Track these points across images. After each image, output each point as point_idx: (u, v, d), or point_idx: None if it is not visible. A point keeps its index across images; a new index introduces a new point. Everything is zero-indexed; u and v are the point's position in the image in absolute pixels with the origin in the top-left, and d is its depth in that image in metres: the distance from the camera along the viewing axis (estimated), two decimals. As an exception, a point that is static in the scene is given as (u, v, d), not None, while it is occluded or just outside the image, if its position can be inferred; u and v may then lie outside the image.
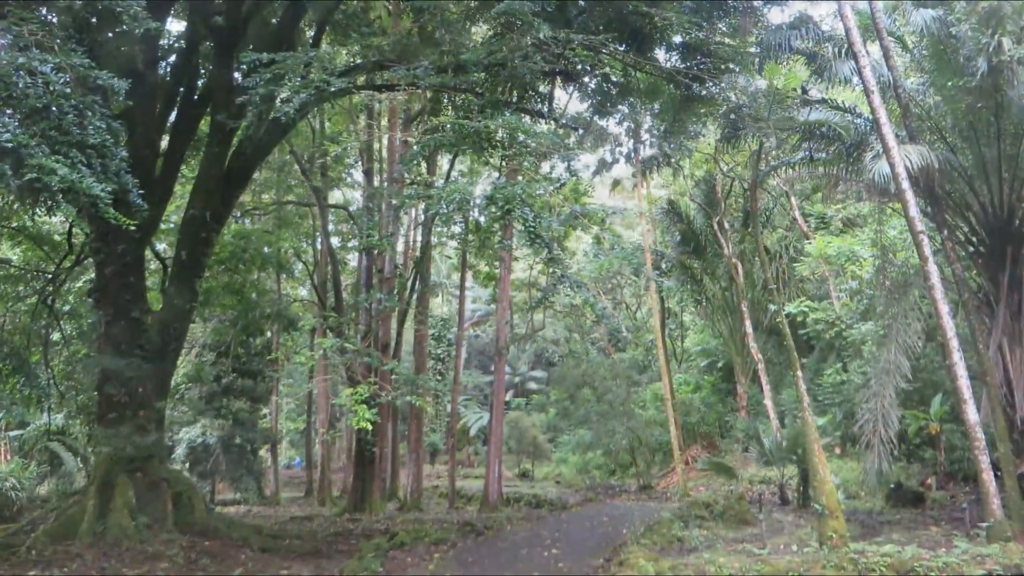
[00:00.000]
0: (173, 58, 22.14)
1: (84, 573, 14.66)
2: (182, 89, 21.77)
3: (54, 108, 11.55)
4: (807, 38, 22.10)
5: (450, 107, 23.19)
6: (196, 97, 21.84)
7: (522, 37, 16.27)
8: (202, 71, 22.27)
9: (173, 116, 21.78)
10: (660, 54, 20.97)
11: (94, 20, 16.33)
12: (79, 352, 25.14)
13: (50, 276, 23.91)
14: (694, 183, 42.97)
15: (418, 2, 20.10)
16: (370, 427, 19.19)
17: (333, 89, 15.79)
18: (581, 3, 19.71)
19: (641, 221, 41.78)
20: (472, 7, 20.65)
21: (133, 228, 12.96)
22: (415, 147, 20.61)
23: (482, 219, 27.45)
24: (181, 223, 21.77)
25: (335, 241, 39.26)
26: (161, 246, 27.40)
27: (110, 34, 16.53)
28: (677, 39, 20.02)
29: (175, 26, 23.60)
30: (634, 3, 17.99)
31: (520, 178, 24.03)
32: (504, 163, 27.43)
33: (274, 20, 21.61)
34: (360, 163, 35.42)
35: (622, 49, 19.14)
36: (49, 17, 15.16)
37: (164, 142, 21.72)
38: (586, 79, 21.13)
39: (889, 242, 27.99)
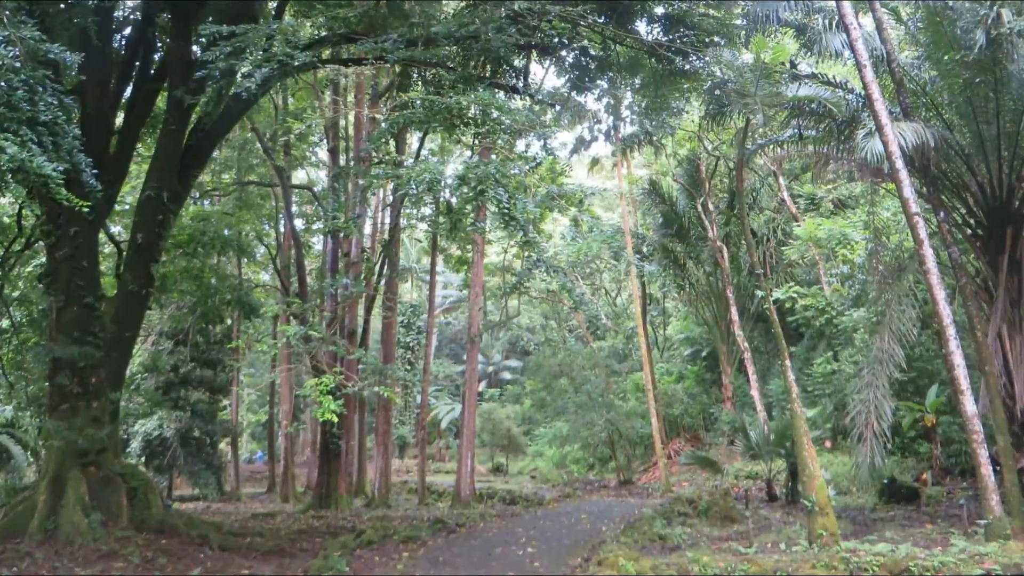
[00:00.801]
0: (128, 31, 21.97)
1: (35, 572, 14.58)
2: (138, 63, 21.56)
3: (3, 83, 11.42)
4: (796, 9, 22.18)
5: (420, 82, 23.11)
6: (152, 72, 21.64)
7: (496, 8, 16.28)
8: (159, 44, 22.11)
9: (128, 92, 21.61)
10: (641, 26, 20.96)
11: (45, -10, 16.22)
12: (29, 340, 25.03)
13: (-2, 260, 23.80)
14: (677, 162, 43.13)
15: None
16: (336, 419, 19.10)
17: (297, 63, 15.73)
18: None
19: (621, 202, 41.78)
20: (444, -24, 20.63)
21: (86, 210, 12.82)
22: (383, 124, 20.60)
23: (453, 200, 27.37)
24: (137, 204, 21.60)
25: (299, 223, 39.27)
26: (116, 228, 27.27)
27: (62, 5, 16.41)
28: (659, 10, 20.02)
29: (130, -4, 23.45)
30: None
31: (494, 157, 23.97)
32: (477, 141, 27.39)
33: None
34: (325, 141, 35.39)
35: (601, 21, 19.15)
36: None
37: (119, 119, 21.58)
38: (563, 53, 21.10)
39: (882, 224, 28.20)
